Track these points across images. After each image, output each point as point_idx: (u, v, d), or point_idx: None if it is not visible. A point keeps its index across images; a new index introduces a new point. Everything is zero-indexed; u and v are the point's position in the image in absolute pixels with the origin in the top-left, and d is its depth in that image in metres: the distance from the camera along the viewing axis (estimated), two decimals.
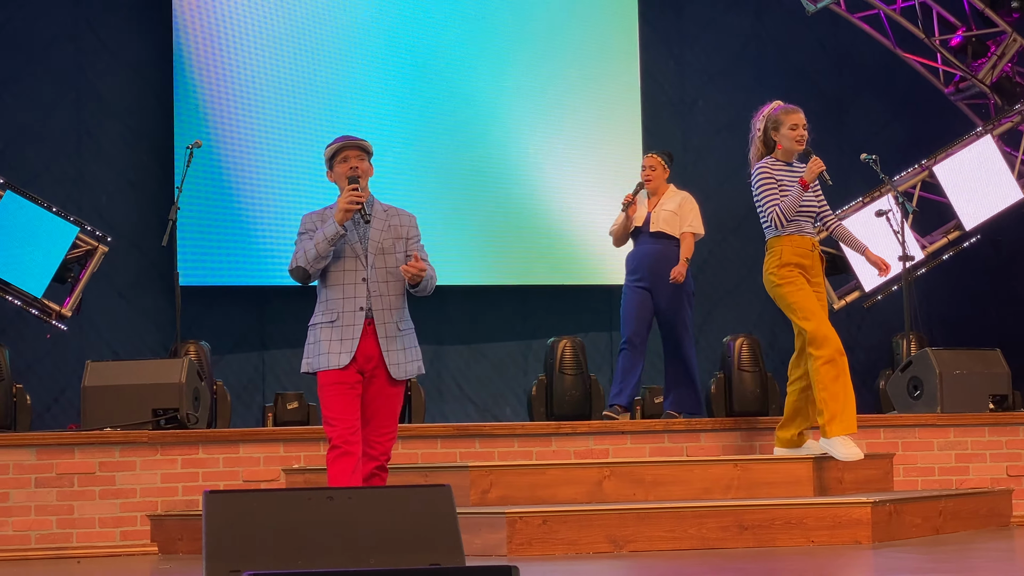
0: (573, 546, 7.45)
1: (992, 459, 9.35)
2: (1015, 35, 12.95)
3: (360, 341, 6.47)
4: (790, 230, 8.14)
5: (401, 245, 6.61)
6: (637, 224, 9.75)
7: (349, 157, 6.59)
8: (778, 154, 8.22)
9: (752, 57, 13.61)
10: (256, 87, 11.96)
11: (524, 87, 12.58)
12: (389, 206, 6.70)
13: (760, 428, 9.28)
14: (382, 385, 6.50)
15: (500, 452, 8.87)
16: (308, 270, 6.50)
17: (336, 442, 6.40)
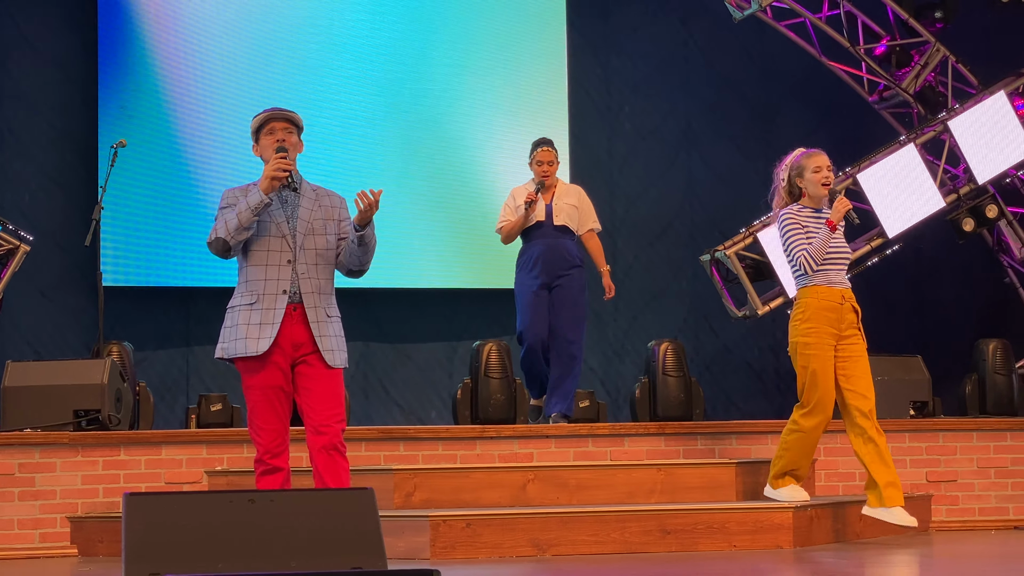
0: (497, 549, 7.45)
1: (912, 465, 9.44)
2: (938, 45, 13.08)
3: (284, 327, 6.13)
4: (818, 280, 7.85)
5: (332, 227, 6.30)
6: (540, 219, 9.50)
7: (276, 129, 6.30)
8: (804, 200, 7.96)
9: (679, 64, 13.68)
10: (183, 85, 11.88)
11: (451, 91, 12.57)
12: (318, 186, 6.40)
13: (684, 433, 9.32)
14: (318, 370, 6.17)
15: (425, 455, 8.85)
16: (229, 242, 6.16)
17: (261, 455, 6.19)
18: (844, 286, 7.94)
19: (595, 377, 12.96)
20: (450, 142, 12.51)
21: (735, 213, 13.25)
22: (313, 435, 6.16)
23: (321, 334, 6.18)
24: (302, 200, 6.27)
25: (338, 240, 6.31)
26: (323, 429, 6.13)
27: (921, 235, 13.27)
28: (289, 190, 6.23)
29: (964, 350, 12.24)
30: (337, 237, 6.31)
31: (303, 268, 6.19)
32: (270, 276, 6.19)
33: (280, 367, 6.16)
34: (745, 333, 13.47)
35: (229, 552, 4.06)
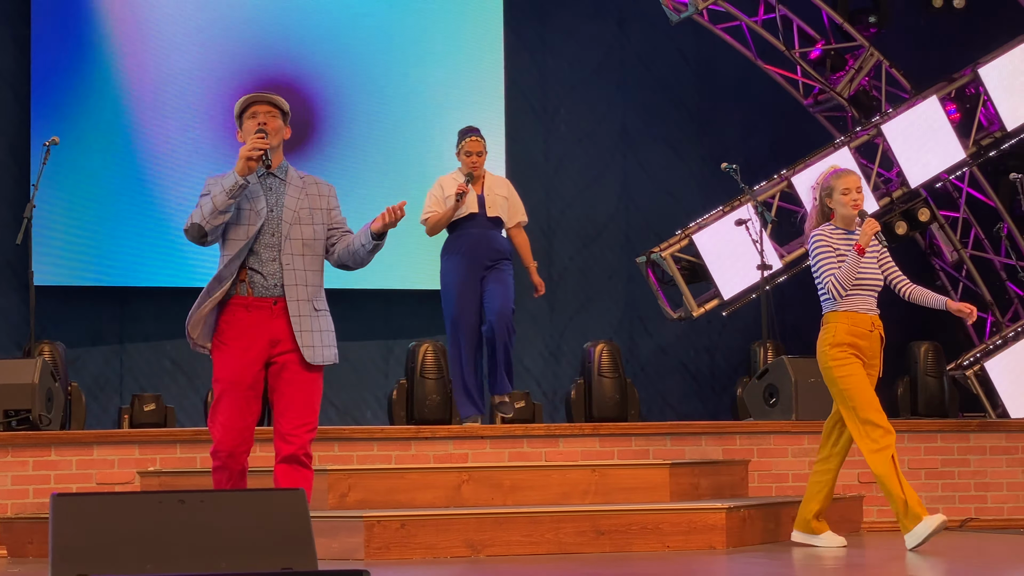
0: (431, 550, 7.44)
1: (845, 466, 9.45)
2: (872, 50, 13.19)
3: (256, 317, 5.90)
4: (846, 306, 7.62)
5: (320, 216, 6.06)
6: (472, 210, 9.24)
7: (258, 112, 6.04)
8: (836, 220, 7.67)
9: (615, 67, 13.72)
10: (118, 83, 11.79)
11: (387, 91, 12.55)
12: (306, 174, 6.17)
13: (619, 434, 9.34)
14: (295, 372, 5.92)
15: (359, 456, 8.82)
16: (204, 227, 5.86)
17: (218, 452, 5.93)
18: (874, 313, 7.72)
19: (531, 378, 12.98)
20: (385, 142, 12.49)
21: (671, 215, 13.32)
22: (279, 441, 5.94)
23: (302, 329, 5.92)
24: (288, 188, 6.03)
25: (327, 230, 6.09)
26: (291, 438, 5.92)
27: None
28: (275, 178, 6.00)
29: (899, 351, 12.34)
30: (326, 227, 6.09)
31: (288, 259, 5.94)
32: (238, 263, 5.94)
33: (252, 363, 5.90)
34: (680, 335, 13.53)
35: (158, 553, 4.03)
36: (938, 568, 7.02)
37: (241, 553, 4.10)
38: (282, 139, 6.10)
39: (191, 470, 8.47)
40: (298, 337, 5.90)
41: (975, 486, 9.61)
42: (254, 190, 5.97)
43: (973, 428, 9.77)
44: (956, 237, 13.48)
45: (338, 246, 6.12)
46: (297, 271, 5.94)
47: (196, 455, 8.57)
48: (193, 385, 12.02)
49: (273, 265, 5.93)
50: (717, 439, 9.39)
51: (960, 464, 9.61)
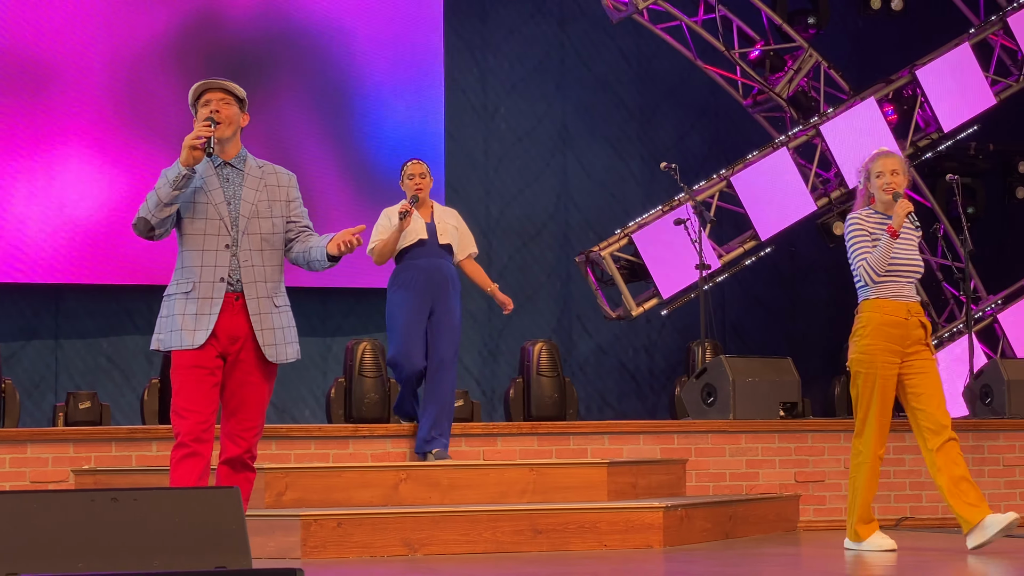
0: (368, 549, 7.41)
1: (781, 465, 9.54)
2: (811, 51, 13.26)
3: (223, 318, 5.66)
4: (881, 293, 7.25)
5: (279, 209, 5.83)
6: (421, 236, 8.84)
7: (211, 100, 5.78)
8: (876, 204, 7.38)
9: (555, 65, 13.73)
10: (46, 76, 11.69)
11: (326, 89, 12.49)
12: (265, 163, 5.92)
13: (557, 433, 9.34)
14: (250, 371, 5.72)
15: (297, 454, 8.79)
16: (151, 220, 5.61)
17: (183, 438, 5.61)
18: (911, 299, 7.33)
19: (469, 376, 12.97)
20: (324, 142, 12.43)
21: (610, 214, 13.35)
22: (226, 440, 5.74)
23: (263, 327, 5.70)
24: (246, 179, 5.79)
25: (286, 223, 5.86)
26: (239, 440, 5.73)
27: (794, 237, 13.46)
28: (232, 168, 5.77)
29: (836, 351, 12.41)
30: (285, 220, 5.85)
31: (245, 254, 5.71)
32: (207, 262, 5.69)
33: (215, 355, 5.67)
34: (619, 333, 13.55)
35: (90, 551, 3.99)
36: (874, 566, 7.06)
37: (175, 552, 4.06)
38: (238, 127, 5.85)
39: (126, 468, 8.41)
40: (258, 335, 5.70)
41: (910, 485, 9.67)
42: (211, 182, 5.74)
43: (909, 428, 9.81)
44: None
45: (296, 248, 5.88)
46: (256, 267, 5.73)
47: (131, 453, 8.51)
48: (129, 383, 11.93)
49: (232, 260, 5.71)
50: (655, 438, 9.42)
51: (896, 464, 9.67)
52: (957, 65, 13.27)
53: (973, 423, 9.96)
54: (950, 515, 9.59)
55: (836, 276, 14.26)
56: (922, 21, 14.13)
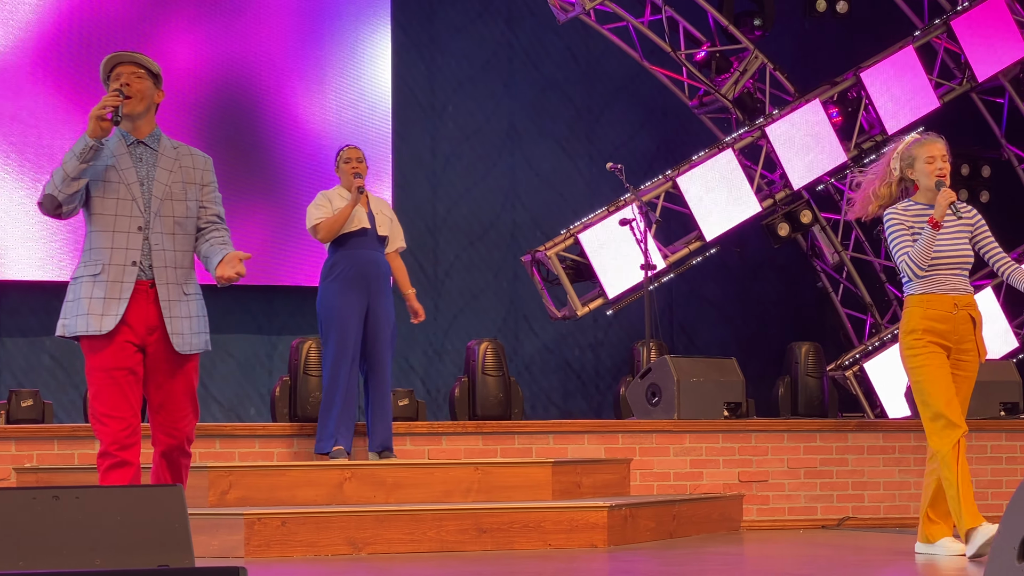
0: (312, 548, 7.40)
1: (725, 465, 9.59)
2: (757, 52, 13.33)
3: (137, 306, 5.43)
4: (925, 287, 6.89)
5: (193, 192, 5.59)
6: (364, 224, 8.69)
7: (122, 74, 5.54)
8: (917, 195, 6.96)
9: (503, 64, 13.74)
10: None
11: (272, 88, 12.45)
12: (180, 143, 5.68)
13: (502, 432, 9.36)
14: (169, 360, 5.50)
15: (241, 453, 8.77)
16: (58, 196, 5.37)
17: (107, 447, 5.40)
18: (958, 292, 6.95)
19: (415, 375, 12.97)
20: (271, 139, 12.39)
21: (558, 213, 13.37)
22: (159, 434, 5.54)
23: (172, 315, 5.46)
24: (160, 159, 5.55)
25: (199, 207, 5.62)
26: (173, 431, 5.54)
27: (741, 238, 13.52)
28: (146, 147, 5.54)
29: (782, 351, 12.48)
30: (199, 204, 5.61)
31: (157, 238, 5.47)
32: (117, 244, 5.45)
33: (131, 348, 5.45)
34: (565, 333, 13.58)
35: (31, 549, 3.97)
36: (816, 565, 7.10)
37: (117, 550, 4.04)
38: (152, 103, 5.63)
39: (69, 467, 8.36)
40: (168, 324, 5.45)
41: (853, 485, 9.75)
42: (123, 160, 5.51)
43: (851, 428, 9.91)
44: (837, 239, 13.66)
45: (201, 245, 5.65)
46: (167, 251, 5.50)
47: (74, 451, 8.46)
48: (72, 381, 11.85)
49: (145, 245, 5.49)
50: (600, 437, 9.45)
51: (839, 463, 9.75)
52: (901, 68, 13.37)
53: (915, 423, 10.03)
54: (892, 515, 9.69)
55: (784, 275, 14.35)
56: (867, 24, 14.23)
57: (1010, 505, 4.69)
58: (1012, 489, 9.60)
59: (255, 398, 12.59)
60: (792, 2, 13.96)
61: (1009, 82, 14.18)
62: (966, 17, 13.64)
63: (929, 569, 6.77)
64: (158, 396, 5.53)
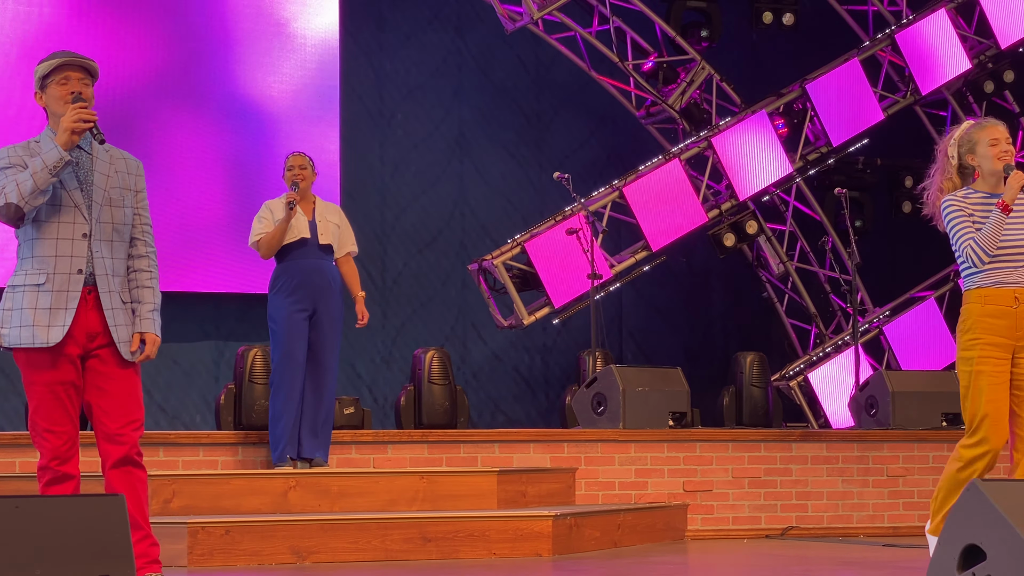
0: (256, 557, 7.39)
1: (670, 474, 9.63)
2: (704, 63, 13.39)
3: (79, 314, 5.30)
4: (985, 280, 6.28)
5: (129, 199, 5.45)
6: (304, 234, 8.67)
7: (71, 79, 5.39)
8: (978, 183, 6.40)
9: (452, 72, 13.74)
10: None
11: (220, 95, 12.40)
12: (111, 146, 5.51)
13: (447, 441, 9.36)
14: (112, 367, 5.37)
15: (185, 461, 8.73)
16: (23, 208, 5.21)
17: (48, 461, 5.30)
18: (1021, 285, 6.31)
19: (362, 384, 12.95)
20: (219, 147, 12.35)
21: (507, 221, 13.40)
22: (106, 443, 5.39)
23: (116, 323, 5.35)
24: (96, 164, 5.41)
25: (134, 215, 5.50)
26: (119, 438, 5.36)
27: (688, 247, 13.59)
28: (81, 151, 5.38)
29: (727, 361, 12.55)
30: (133, 211, 5.49)
31: (97, 245, 5.34)
32: (62, 252, 5.30)
33: (72, 360, 5.34)
34: (514, 340, 13.59)
35: None
36: (759, 575, 7.14)
37: (58, 560, 4.03)
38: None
39: (9, 475, 8.30)
40: (113, 332, 5.34)
41: (796, 495, 9.80)
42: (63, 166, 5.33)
43: (795, 438, 9.97)
44: (783, 250, 13.74)
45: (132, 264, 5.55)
46: (106, 259, 5.37)
47: (15, 459, 8.40)
48: (15, 388, 11.76)
49: (88, 252, 5.36)
50: (545, 447, 9.46)
51: (783, 473, 9.80)
52: (846, 80, 13.47)
53: (858, 434, 10.11)
54: (835, 524, 9.75)
55: (729, 286, 14.42)
56: (813, 36, 14.33)
57: (950, 516, 4.75)
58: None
59: (201, 405, 12.53)
60: (739, 14, 14.05)
61: (952, 95, 14.31)
62: (910, 31, 13.77)
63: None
64: (103, 402, 5.37)
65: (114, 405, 5.37)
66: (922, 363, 13.51)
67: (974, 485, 4.69)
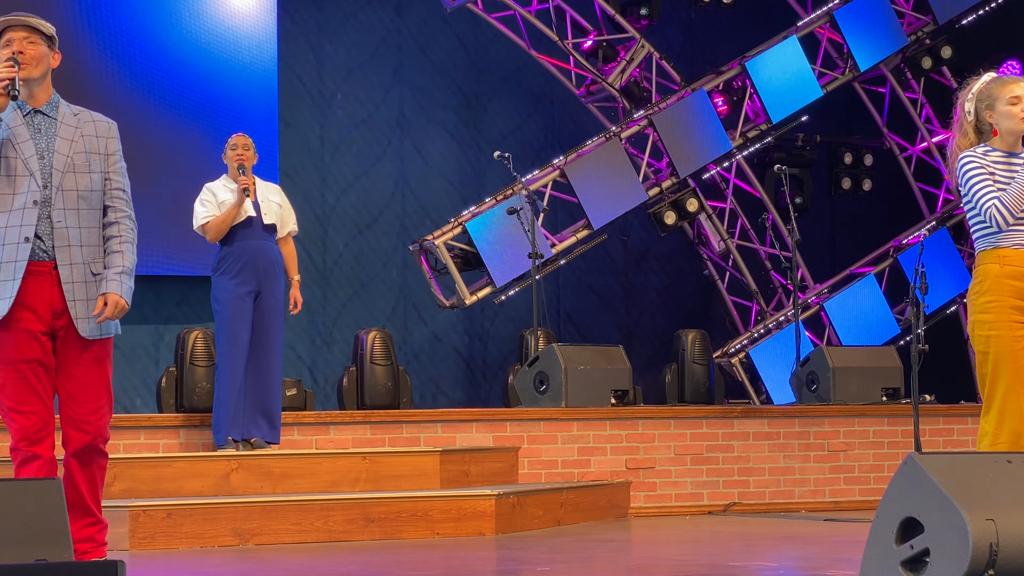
0: (198, 539, 7.36)
1: (612, 452, 9.65)
2: (643, 41, 13.41)
3: (41, 289, 5.08)
4: (1004, 242, 5.79)
5: (98, 163, 5.24)
6: (250, 214, 8.59)
7: (13, 40, 5.16)
8: (995, 140, 5.92)
9: (391, 52, 13.70)
10: None
11: (155, 74, 12.29)
12: (82, 109, 5.33)
13: (390, 421, 9.34)
14: (77, 347, 5.14)
15: (126, 444, 8.67)
16: None
17: (16, 443, 5.10)
18: None
19: (303, 365, 12.91)
20: (154, 128, 12.25)
21: (448, 202, 13.38)
22: (70, 428, 5.18)
23: (75, 298, 5.12)
24: (60, 128, 5.21)
25: (105, 180, 5.26)
26: (85, 425, 5.16)
27: (627, 226, 13.61)
28: (43, 116, 5.22)
29: (668, 338, 12.59)
30: (104, 176, 5.25)
31: (59, 215, 5.11)
32: (11, 222, 5.07)
33: (35, 336, 5.10)
34: (455, 321, 13.59)
35: None
36: (702, 551, 7.18)
37: None
38: (48, 68, 5.26)
39: None
40: (71, 307, 5.10)
41: (738, 471, 9.85)
42: (20, 132, 5.15)
43: (737, 415, 10.01)
44: (723, 227, 13.79)
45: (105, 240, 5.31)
46: (71, 229, 5.12)
47: None
48: None
49: (46, 223, 5.11)
50: (488, 426, 9.47)
51: (724, 450, 9.84)
52: (785, 57, 13.51)
53: (799, 409, 10.17)
54: (777, 500, 9.81)
55: (670, 264, 14.46)
56: (752, 13, 14.38)
57: (889, 489, 4.78)
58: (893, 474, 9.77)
59: (141, 389, 12.47)
60: None
61: (890, 72, 14.39)
62: (848, 7, 13.82)
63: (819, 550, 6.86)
64: (70, 385, 5.16)
65: (79, 389, 5.16)
66: (862, 339, 13.60)
67: (911, 458, 4.73)
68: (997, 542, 4.38)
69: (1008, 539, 4.40)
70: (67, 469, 5.25)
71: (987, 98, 5.94)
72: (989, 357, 5.76)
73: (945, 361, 13.09)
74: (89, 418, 5.17)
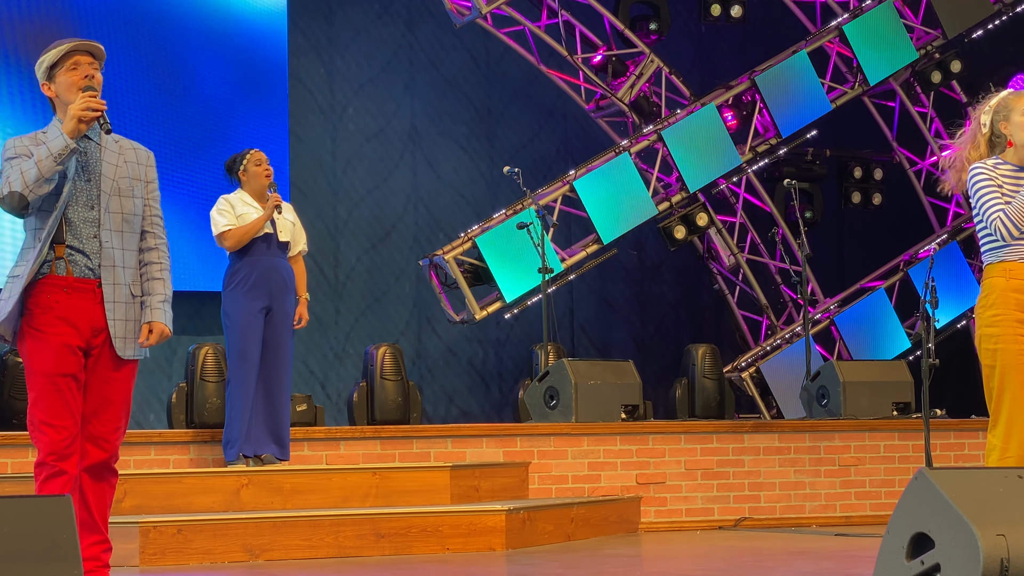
0: (208, 555, 7.36)
1: (623, 467, 9.64)
2: (653, 56, 13.42)
3: (80, 304, 5.21)
4: (1011, 255, 5.78)
5: (140, 188, 5.36)
6: (267, 230, 8.59)
7: (81, 63, 5.29)
8: (1007, 153, 5.91)
9: (403, 66, 13.73)
10: None
11: (167, 88, 12.33)
12: (121, 138, 5.42)
13: (400, 436, 9.34)
14: (111, 367, 5.25)
15: (136, 460, 8.68)
16: (27, 196, 5.10)
17: (44, 457, 5.13)
18: None
19: (315, 380, 12.92)
20: (167, 143, 12.28)
21: (460, 215, 13.40)
22: (89, 445, 5.26)
23: (115, 318, 5.22)
24: (105, 153, 5.32)
25: (144, 205, 5.41)
26: (104, 443, 5.26)
27: (638, 240, 13.61)
28: (88, 140, 5.29)
29: (680, 353, 12.58)
30: (144, 202, 5.40)
31: (107, 235, 5.24)
32: None
33: (74, 351, 5.20)
34: (468, 334, 13.59)
35: None
36: (713, 566, 7.17)
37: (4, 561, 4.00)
38: None
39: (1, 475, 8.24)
40: (111, 325, 5.21)
41: (749, 486, 9.84)
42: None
43: (747, 429, 10.00)
44: (733, 241, 13.79)
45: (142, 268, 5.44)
46: (116, 250, 5.25)
47: (7, 460, 8.32)
48: None
49: (93, 243, 5.24)
50: (498, 441, 9.46)
51: (735, 464, 9.83)
52: (795, 71, 13.52)
53: (809, 424, 10.16)
54: (788, 515, 9.79)
55: (680, 278, 14.45)
56: (761, 28, 14.38)
57: (899, 505, 4.77)
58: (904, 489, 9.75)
59: (154, 404, 12.48)
60: (687, 6, 14.08)
61: (900, 86, 14.39)
62: (858, 22, 13.81)
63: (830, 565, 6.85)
64: (95, 401, 5.25)
65: (104, 407, 5.26)
66: (873, 353, 13.59)
67: (922, 473, 4.72)
68: (1008, 557, 4.37)
69: (1019, 554, 4.39)
70: (82, 486, 5.31)
71: (1004, 109, 5.94)
72: (995, 371, 5.73)
73: (956, 375, 13.08)
74: (109, 436, 5.27)
